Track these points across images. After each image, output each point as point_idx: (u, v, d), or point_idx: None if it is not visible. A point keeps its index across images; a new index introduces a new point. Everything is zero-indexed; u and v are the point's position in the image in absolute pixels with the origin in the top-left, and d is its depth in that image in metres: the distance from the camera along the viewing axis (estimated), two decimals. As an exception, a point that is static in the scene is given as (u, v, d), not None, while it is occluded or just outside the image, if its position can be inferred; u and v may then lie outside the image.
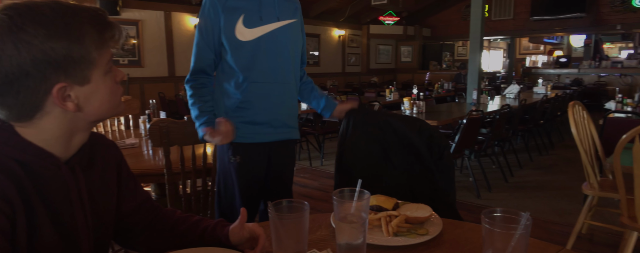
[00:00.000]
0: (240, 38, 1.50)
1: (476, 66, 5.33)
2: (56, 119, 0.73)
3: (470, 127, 3.40)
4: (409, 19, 11.18)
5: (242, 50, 1.51)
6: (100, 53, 0.73)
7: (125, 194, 0.94)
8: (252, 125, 1.55)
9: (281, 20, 1.56)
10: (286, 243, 0.84)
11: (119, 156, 0.94)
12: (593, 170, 2.31)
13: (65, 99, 0.71)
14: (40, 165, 0.72)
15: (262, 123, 1.56)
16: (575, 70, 10.27)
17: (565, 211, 3.18)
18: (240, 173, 1.57)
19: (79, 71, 0.71)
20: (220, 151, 1.60)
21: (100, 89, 0.75)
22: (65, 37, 0.68)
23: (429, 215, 1.06)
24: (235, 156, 1.55)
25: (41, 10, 0.67)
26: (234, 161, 1.55)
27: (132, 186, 0.96)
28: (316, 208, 3.27)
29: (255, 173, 1.61)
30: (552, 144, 5.64)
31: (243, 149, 1.56)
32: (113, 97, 0.78)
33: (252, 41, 1.51)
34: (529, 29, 10.04)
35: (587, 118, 2.44)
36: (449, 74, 10.82)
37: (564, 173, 4.32)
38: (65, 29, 0.68)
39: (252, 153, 1.57)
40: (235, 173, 1.57)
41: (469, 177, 3.78)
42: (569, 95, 6.07)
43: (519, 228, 0.69)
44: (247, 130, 1.55)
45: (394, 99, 5.88)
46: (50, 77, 0.68)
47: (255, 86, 1.53)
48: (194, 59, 1.56)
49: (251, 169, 1.59)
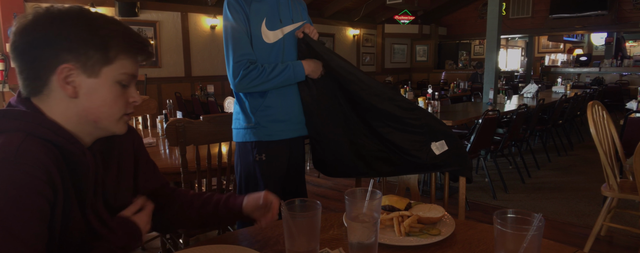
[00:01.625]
0: (266, 40, 1.55)
1: (493, 65, 5.26)
2: (62, 102, 0.77)
3: (486, 127, 3.37)
4: (424, 17, 11.08)
5: (267, 52, 1.56)
6: (121, 59, 0.78)
7: (143, 178, 0.99)
8: (276, 123, 1.59)
9: (295, 22, 1.62)
10: (299, 242, 0.85)
11: (138, 141, 0.98)
12: (613, 171, 2.27)
13: (67, 81, 0.76)
14: (70, 149, 0.75)
15: (284, 120, 1.61)
16: (596, 69, 10.04)
17: (583, 213, 3.12)
18: (264, 171, 1.60)
19: (90, 62, 0.76)
20: (243, 151, 1.62)
21: (105, 89, 0.78)
22: (93, 31, 0.75)
23: (442, 215, 1.06)
24: (261, 154, 1.58)
25: (89, 12, 0.78)
26: (260, 159, 1.58)
27: (150, 171, 1.01)
28: (330, 208, 3.28)
29: (278, 171, 1.64)
30: (571, 145, 5.53)
31: (268, 147, 1.59)
32: (115, 106, 0.81)
33: (275, 42, 1.57)
34: (548, 27, 9.84)
35: (606, 118, 2.39)
36: (466, 74, 10.69)
37: (583, 174, 4.24)
38: (96, 26, 0.75)
39: (277, 151, 1.61)
40: (260, 172, 1.60)
41: (485, 178, 3.74)
42: (589, 94, 5.93)
43: (531, 229, 0.68)
44: (272, 128, 1.59)
45: (409, 98, 5.84)
46: (61, 55, 0.74)
47: (287, 88, 1.59)
48: (236, 61, 1.49)
49: (275, 167, 1.62)
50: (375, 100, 1.51)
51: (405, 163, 1.52)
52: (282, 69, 1.52)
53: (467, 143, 3.41)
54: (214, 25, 7.78)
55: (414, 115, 1.50)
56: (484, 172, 3.74)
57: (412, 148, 1.48)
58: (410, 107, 1.51)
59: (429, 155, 1.47)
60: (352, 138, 1.59)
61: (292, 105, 1.62)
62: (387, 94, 1.51)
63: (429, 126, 1.49)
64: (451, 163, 1.50)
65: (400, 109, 1.50)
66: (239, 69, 1.48)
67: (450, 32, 11.74)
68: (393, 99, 1.51)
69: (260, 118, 1.57)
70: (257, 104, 1.58)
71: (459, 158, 1.50)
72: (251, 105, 1.59)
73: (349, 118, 1.59)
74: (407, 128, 1.49)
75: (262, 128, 1.57)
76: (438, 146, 1.46)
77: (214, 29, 7.83)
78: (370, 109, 1.53)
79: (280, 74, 1.52)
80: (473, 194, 3.63)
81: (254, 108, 1.58)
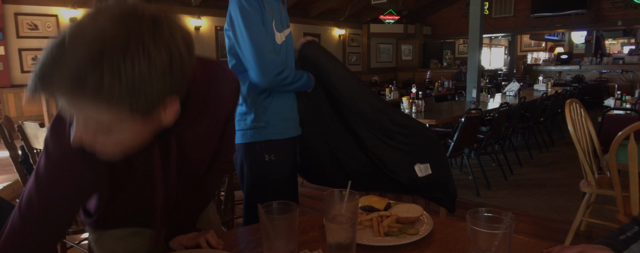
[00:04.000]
0: (278, 41, 1.58)
1: (475, 64, 5.33)
2: None
3: (468, 126, 3.41)
4: (409, 17, 11.17)
5: (278, 52, 1.58)
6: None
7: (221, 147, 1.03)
8: (285, 121, 1.61)
9: (288, 27, 1.68)
10: (277, 245, 0.85)
11: (232, 105, 0.99)
12: (590, 167, 2.32)
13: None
14: None
15: (290, 118, 1.63)
16: (576, 67, 10.24)
17: (564, 209, 3.19)
18: (275, 172, 1.61)
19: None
20: (251, 153, 1.60)
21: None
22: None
23: (420, 215, 1.07)
24: (270, 154, 1.59)
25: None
26: (270, 159, 1.58)
27: (225, 143, 1.04)
28: (316, 208, 3.29)
29: (286, 170, 1.66)
30: (552, 142, 5.64)
31: (277, 146, 1.60)
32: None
33: (282, 43, 1.60)
34: (530, 26, 10.02)
35: (584, 116, 2.45)
36: (450, 72, 10.81)
37: (564, 170, 4.33)
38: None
39: (285, 150, 1.63)
40: (270, 173, 1.60)
41: (469, 175, 3.79)
42: (570, 92, 6.05)
43: (501, 228, 0.70)
44: (281, 126, 1.60)
45: (394, 98, 5.89)
46: None
47: None
48: (271, 58, 1.49)
49: (285, 166, 1.63)
50: (369, 110, 1.53)
51: (387, 181, 1.53)
52: (302, 75, 1.56)
53: (450, 141, 3.45)
54: (199, 26, 7.72)
55: (406, 131, 1.50)
56: (468, 170, 3.79)
57: (396, 164, 1.49)
58: (402, 123, 1.52)
59: (411, 176, 1.48)
60: (334, 151, 1.60)
61: (294, 104, 1.66)
62: (381, 107, 1.53)
63: (418, 145, 1.49)
64: (434, 189, 1.50)
65: (392, 123, 1.51)
66: (276, 67, 1.48)
67: (435, 32, 11.86)
68: (386, 113, 1.52)
69: (271, 117, 1.58)
70: (266, 104, 1.58)
71: (444, 185, 1.51)
72: (261, 105, 1.58)
73: (335, 131, 1.61)
74: (396, 144, 1.50)
75: (272, 126, 1.57)
76: (422, 168, 1.46)
77: (198, 30, 7.77)
78: (362, 118, 1.54)
79: (301, 79, 1.55)
80: (457, 192, 3.67)
81: (263, 107, 1.58)
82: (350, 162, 1.59)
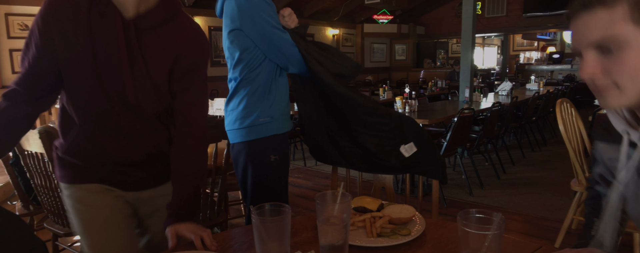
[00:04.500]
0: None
1: (468, 63, 5.36)
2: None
3: (461, 125, 3.43)
4: (402, 17, 11.20)
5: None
6: None
7: (174, 85, 1.08)
8: (284, 115, 1.64)
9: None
10: (269, 246, 0.86)
11: (187, 52, 1.07)
12: (581, 166, 2.34)
13: None
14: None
15: (287, 112, 1.67)
16: (568, 66, 10.33)
17: (556, 208, 3.22)
18: (280, 168, 1.62)
19: None
20: (256, 150, 1.58)
21: None
22: None
23: (412, 215, 1.08)
24: (275, 154, 1.60)
25: None
26: (275, 159, 1.59)
27: (182, 86, 1.09)
28: (310, 209, 3.29)
29: (288, 168, 1.69)
30: (544, 141, 5.69)
31: (282, 140, 1.62)
32: None
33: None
34: (522, 26, 10.08)
35: (575, 115, 2.48)
36: (444, 72, 10.86)
37: (556, 169, 4.37)
38: None
39: (286, 145, 1.66)
40: (274, 173, 1.60)
41: (462, 175, 3.81)
42: (561, 91, 6.11)
43: (492, 229, 0.71)
44: (283, 120, 1.62)
45: (388, 97, 5.90)
46: None
47: (284, 79, 1.67)
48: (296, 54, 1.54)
49: (285, 164, 1.65)
50: (348, 109, 1.55)
51: (376, 165, 1.55)
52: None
53: (443, 141, 3.47)
54: (192, 25, 7.67)
55: (384, 119, 1.53)
56: (461, 169, 3.81)
57: (382, 151, 1.51)
58: (380, 113, 1.54)
59: (399, 158, 1.50)
60: (329, 132, 1.64)
61: (288, 99, 1.68)
62: (357, 102, 1.54)
63: (398, 129, 1.52)
64: (423, 164, 1.53)
65: (371, 115, 1.53)
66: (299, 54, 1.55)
67: (428, 31, 11.90)
68: (361, 107, 1.53)
69: (275, 111, 1.59)
70: (271, 99, 1.59)
71: (431, 158, 1.53)
72: (267, 99, 1.58)
73: (327, 115, 1.64)
74: (378, 133, 1.52)
75: (276, 120, 1.59)
76: (407, 148, 1.49)
77: (191, 30, 7.72)
78: (344, 115, 1.57)
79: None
80: (450, 191, 3.70)
81: (269, 101, 1.58)
82: (344, 146, 1.61)
